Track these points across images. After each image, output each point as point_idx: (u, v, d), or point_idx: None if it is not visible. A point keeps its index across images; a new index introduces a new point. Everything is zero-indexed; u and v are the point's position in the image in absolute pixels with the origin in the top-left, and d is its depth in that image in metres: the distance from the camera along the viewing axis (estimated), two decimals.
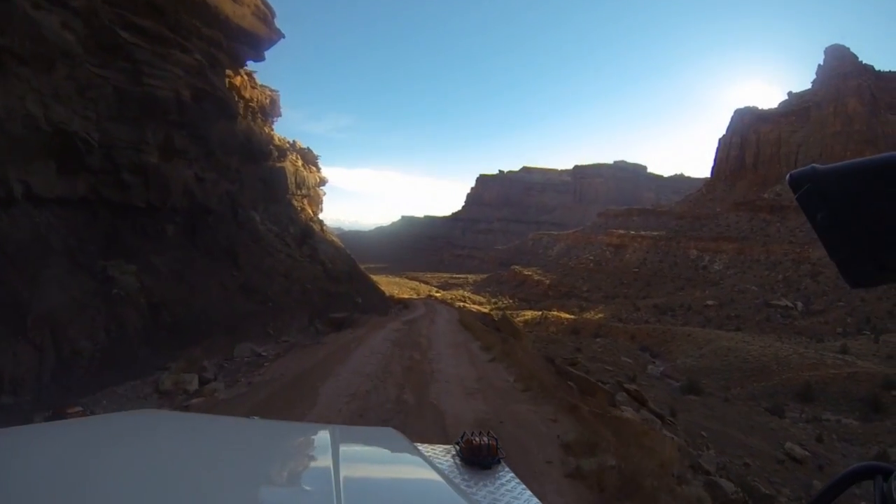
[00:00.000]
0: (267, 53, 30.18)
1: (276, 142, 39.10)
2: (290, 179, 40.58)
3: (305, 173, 47.19)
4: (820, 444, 32.22)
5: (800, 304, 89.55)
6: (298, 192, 43.82)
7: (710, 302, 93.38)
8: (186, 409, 9.81)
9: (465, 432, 1.83)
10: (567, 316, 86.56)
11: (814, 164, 0.73)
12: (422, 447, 1.82)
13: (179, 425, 1.76)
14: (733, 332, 73.14)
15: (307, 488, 1.20)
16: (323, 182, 53.83)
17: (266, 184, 32.73)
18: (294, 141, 50.14)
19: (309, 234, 34.87)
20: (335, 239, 50.80)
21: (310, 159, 51.61)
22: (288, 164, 41.15)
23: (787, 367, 52.42)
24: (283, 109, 40.80)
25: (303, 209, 43.74)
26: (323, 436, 1.64)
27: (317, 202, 51.04)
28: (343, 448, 1.46)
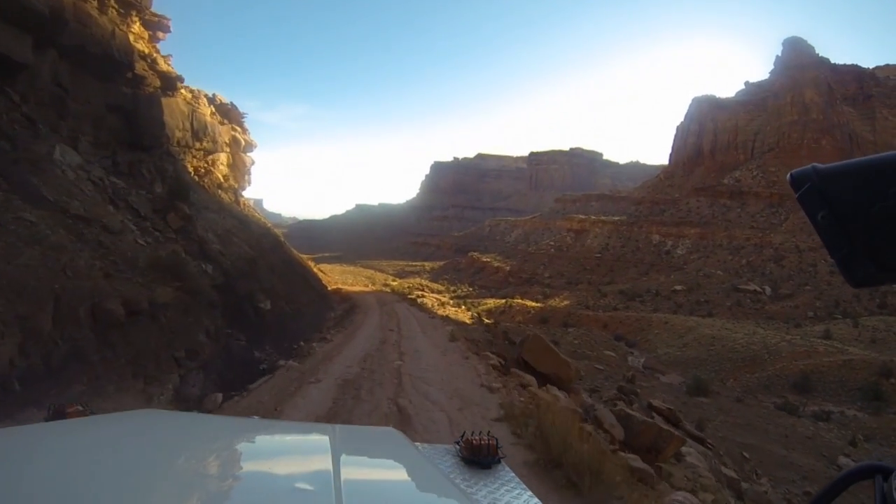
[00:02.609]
0: (220, 45, 21.03)
1: (162, 67, 27.11)
2: (177, 122, 28.69)
3: (211, 121, 34.76)
4: (853, 447, 27.18)
5: (768, 289, 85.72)
6: (196, 146, 32.03)
7: (678, 287, 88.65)
8: None
9: (465, 432, 1.81)
10: (532, 304, 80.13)
11: (814, 164, 0.71)
12: (422, 447, 1.80)
13: (180, 425, 1.74)
14: (707, 318, 68.39)
15: (307, 488, 1.17)
16: (250, 146, 44.01)
17: (121, 115, 21.32)
18: (214, 94, 40.00)
19: (182, 196, 20.81)
20: (257, 215, 40.48)
21: (233, 118, 41.74)
22: (178, 103, 29.34)
23: (778, 356, 47.30)
24: (237, 100, 30.94)
25: (206, 171, 32.93)
26: (323, 436, 1.64)
27: (240, 171, 41.16)
28: (343, 448, 1.45)
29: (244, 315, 18.24)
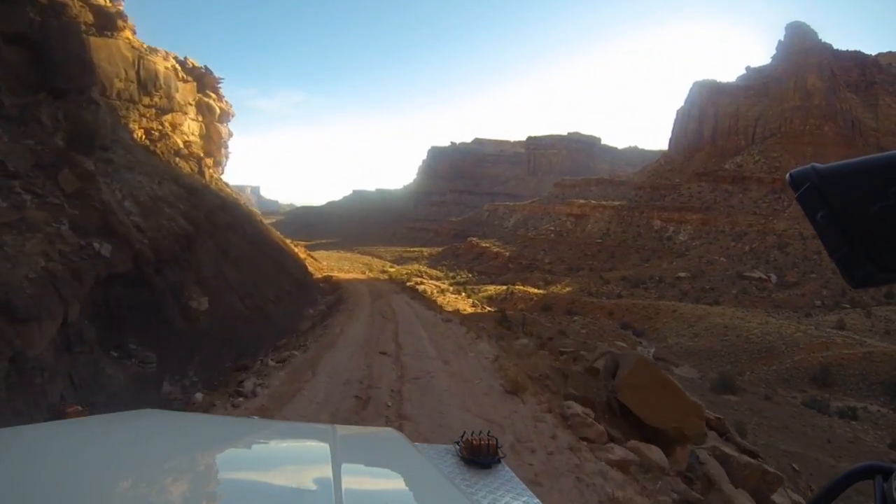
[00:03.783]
0: (218, 32, 17.10)
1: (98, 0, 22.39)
2: (117, 69, 23.23)
3: (166, 73, 28.78)
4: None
5: (773, 277, 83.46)
6: (145, 101, 26.15)
7: (681, 274, 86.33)
8: None
9: (465, 432, 1.80)
10: (535, 291, 77.68)
11: (813, 164, 0.70)
12: (422, 447, 1.79)
13: (180, 425, 1.73)
14: (714, 306, 66.07)
15: (307, 488, 1.17)
16: (227, 115, 39.53)
17: (24, 47, 16.88)
18: (186, 57, 35.44)
19: (84, 148, 16.09)
20: (227, 190, 35.42)
21: (208, 83, 37.32)
22: (118, 46, 23.70)
23: (795, 347, 44.99)
24: (234, 87, 26.67)
25: (162, 135, 27.33)
26: (323, 436, 1.64)
27: (215, 142, 36.47)
28: (343, 448, 1.45)
29: (163, 319, 13.30)
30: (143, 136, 25.86)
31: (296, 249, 45.69)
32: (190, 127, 32.86)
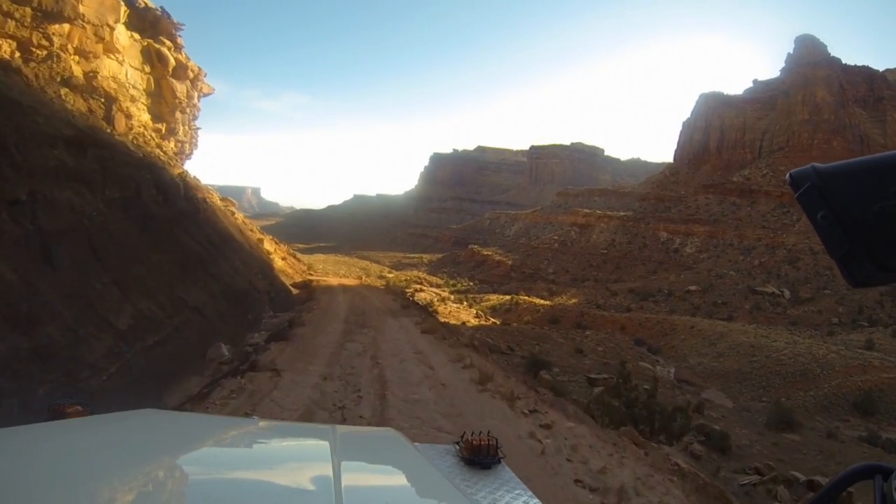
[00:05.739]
0: (221, 33, 12.41)
1: None
2: None
3: None
4: None
5: (787, 292, 79.09)
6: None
7: (692, 287, 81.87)
8: None
9: (465, 432, 1.77)
10: (540, 302, 73.11)
11: (814, 164, 0.70)
12: (422, 447, 1.75)
13: (180, 425, 1.70)
14: (729, 321, 61.65)
15: (307, 488, 1.18)
16: (186, 73, 32.52)
17: None
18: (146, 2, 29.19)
19: None
20: (159, 156, 26.12)
21: (163, 29, 30.78)
22: None
23: (830, 370, 40.44)
24: (237, 88, 20.24)
25: (48, 56, 20.20)
26: (323, 436, 1.62)
27: (167, 100, 29.72)
28: (343, 448, 1.44)
29: None
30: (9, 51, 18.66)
31: (268, 246, 38.50)
32: (122, 73, 25.51)
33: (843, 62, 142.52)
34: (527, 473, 6.10)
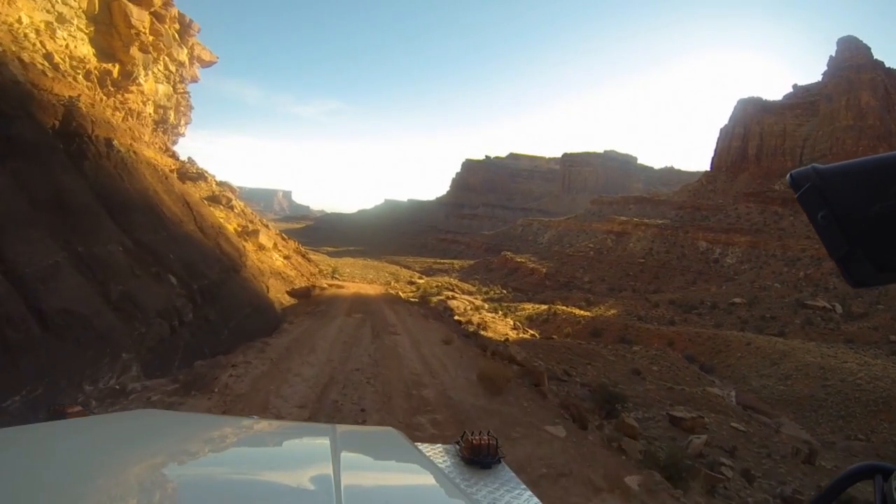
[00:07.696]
0: (256, 40, 8.56)
1: None
2: None
3: None
4: None
5: (838, 307, 74.00)
6: None
7: (736, 300, 77.35)
8: None
9: (465, 432, 1.75)
10: (579, 312, 69.47)
11: (814, 164, 0.70)
12: (422, 447, 1.75)
13: (179, 425, 1.69)
14: (782, 338, 57.28)
15: (307, 488, 1.16)
16: (168, 12, 28.44)
17: None
18: None
19: None
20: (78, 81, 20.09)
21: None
22: None
23: None
24: (270, 93, 15.38)
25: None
26: (323, 435, 1.60)
27: (121, 38, 24.37)
28: (343, 448, 1.43)
29: None
30: None
31: (262, 240, 30.50)
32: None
33: (886, 65, 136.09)
34: None
